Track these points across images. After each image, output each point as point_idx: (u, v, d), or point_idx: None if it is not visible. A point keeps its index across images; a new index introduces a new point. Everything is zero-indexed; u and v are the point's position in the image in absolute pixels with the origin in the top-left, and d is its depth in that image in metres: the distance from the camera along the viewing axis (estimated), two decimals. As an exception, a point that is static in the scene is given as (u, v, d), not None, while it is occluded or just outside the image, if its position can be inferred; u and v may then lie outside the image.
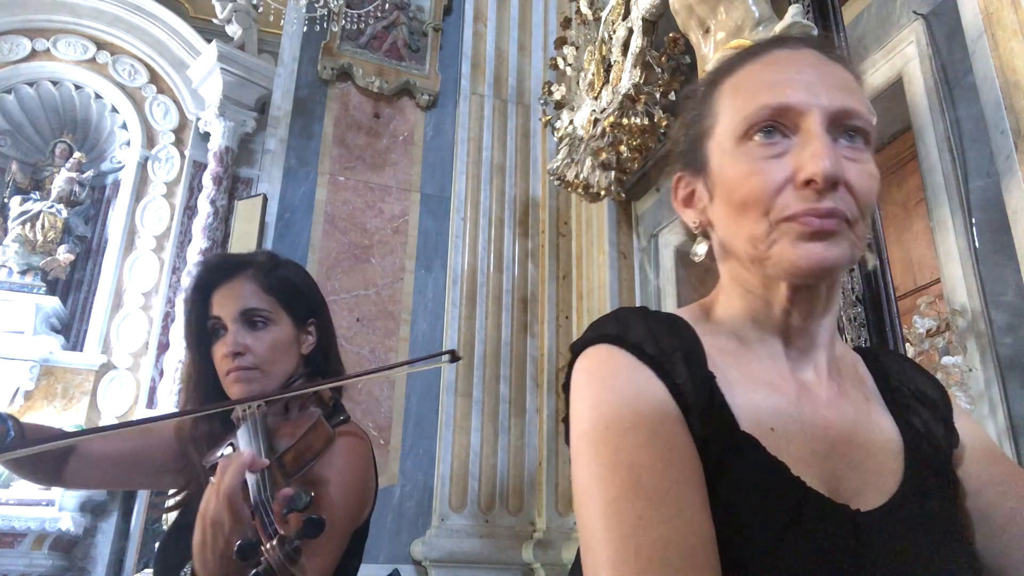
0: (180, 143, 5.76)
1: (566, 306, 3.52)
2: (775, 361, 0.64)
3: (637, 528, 0.50)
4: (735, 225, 0.62)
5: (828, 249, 0.57)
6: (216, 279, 1.13)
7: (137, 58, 5.78)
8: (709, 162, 0.65)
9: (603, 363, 0.60)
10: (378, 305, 3.54)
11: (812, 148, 0.58)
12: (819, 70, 0.62)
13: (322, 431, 0.94)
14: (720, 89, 0.66)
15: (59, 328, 5.31)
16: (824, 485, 0.57)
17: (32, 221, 5.43)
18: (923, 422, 0.66)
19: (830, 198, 0.57)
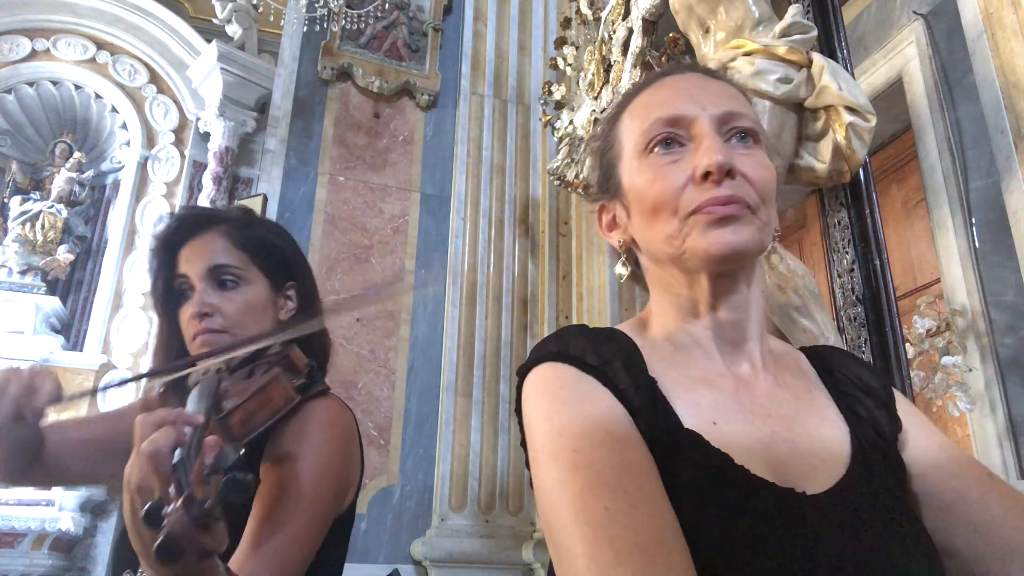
0: (180, 143, 5.76)
1: (566, 306, 3.52)
2: (710, 360, 0.67)
3: (606, 519, 0.51)
4: (651, 230, 0.67)
5: (736, 233, 0.62)
6: (184, 234, 1.03)
7: (137, 58, 5.78)
8: (622, 183, 0.71)
9: (549, 379, 0.62)
10: (378, 305, 3.54)
11: (704, 146, 0.64)
12: (703, 86, 0.69)
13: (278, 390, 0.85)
14: (621, 119, 0.73)
15: (59, 328, 5.31)
16: (770, 472, 0.59)
17: (32, 221, 5.43)
18: (867, 410, 0.69)
19: (728, 186, 0.62)
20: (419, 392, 3.46)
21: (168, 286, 1.03)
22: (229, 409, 0.81)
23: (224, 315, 0.98)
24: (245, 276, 1.02)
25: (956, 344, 2.18)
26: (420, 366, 3.50)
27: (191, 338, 0.99)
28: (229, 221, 1.05)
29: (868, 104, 1.53)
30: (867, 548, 0.56)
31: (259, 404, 0.84)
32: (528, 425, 0.62)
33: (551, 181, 3.27)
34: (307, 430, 0.91)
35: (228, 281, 1.00)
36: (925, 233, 2.90)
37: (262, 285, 1.03)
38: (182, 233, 1.03)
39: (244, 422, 0.82)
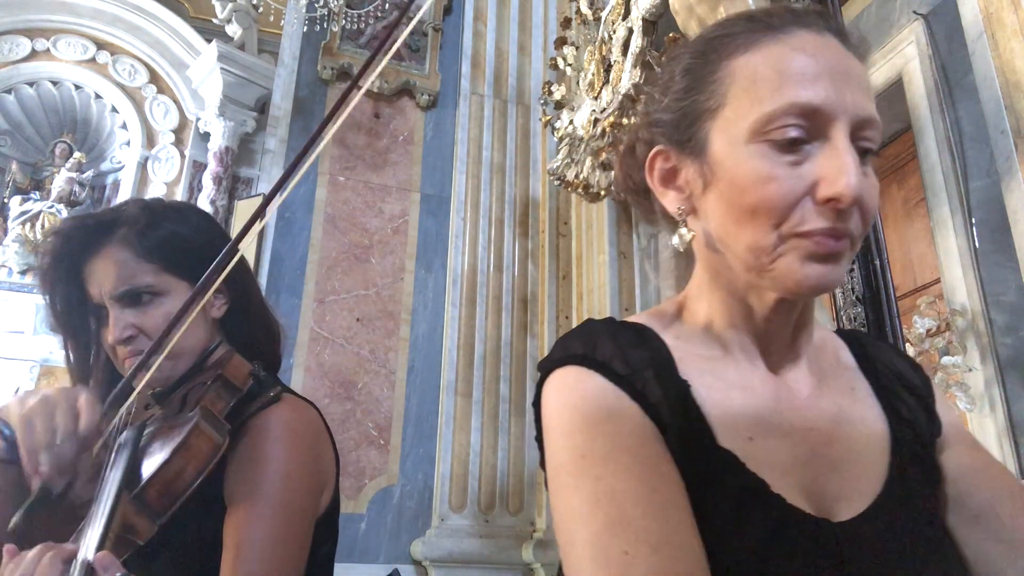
0: (180, 143, 5.76)
1: (566, 306, 3.52)
2: (752, 363, 0.62)
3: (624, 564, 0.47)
4: (737, 228, 0.57)
5: (834, 271, 0.55)
6: (81, 250, 0.90)
7: (137, 58, 5.78)
8: (709, 148, 0.59)
9: (573, 388, 0.57)
10: (378, 305, 3.54)
11: (838, 163, 0.53)
12: (845, 64, 0.57)
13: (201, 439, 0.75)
14: (732, 65, 0.58)
15: (59, 328, 5.31)
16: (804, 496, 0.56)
17: (32, 221, 5.43)
18: (908, 409, 0.65)
19: (847, 218, 0.54)
20: (419, 392, 3.46)
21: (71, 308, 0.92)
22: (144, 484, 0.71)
23: (148, 333, 0.89)
24: (159, 286, 0.90)
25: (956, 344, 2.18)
26: (420, 366, 3.50)
27: (122, 363, 0.90)
28: (128, 224, 0.91)
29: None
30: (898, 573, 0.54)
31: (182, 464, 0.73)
32: (548, 434, 0.57)
33: (551, 181, 3.27)
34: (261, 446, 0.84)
35: (143, 294, 0.89)
36: (925, 233, 2.91)
37: (180, 288, 0.92)
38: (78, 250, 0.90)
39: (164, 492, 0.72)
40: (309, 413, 0.92)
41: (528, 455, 3.37)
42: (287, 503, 0.82)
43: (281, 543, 0.80)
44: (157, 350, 0.78)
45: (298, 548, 0.83)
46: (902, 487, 0.59)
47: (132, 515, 0.69)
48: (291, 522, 0.82)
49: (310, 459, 0.88)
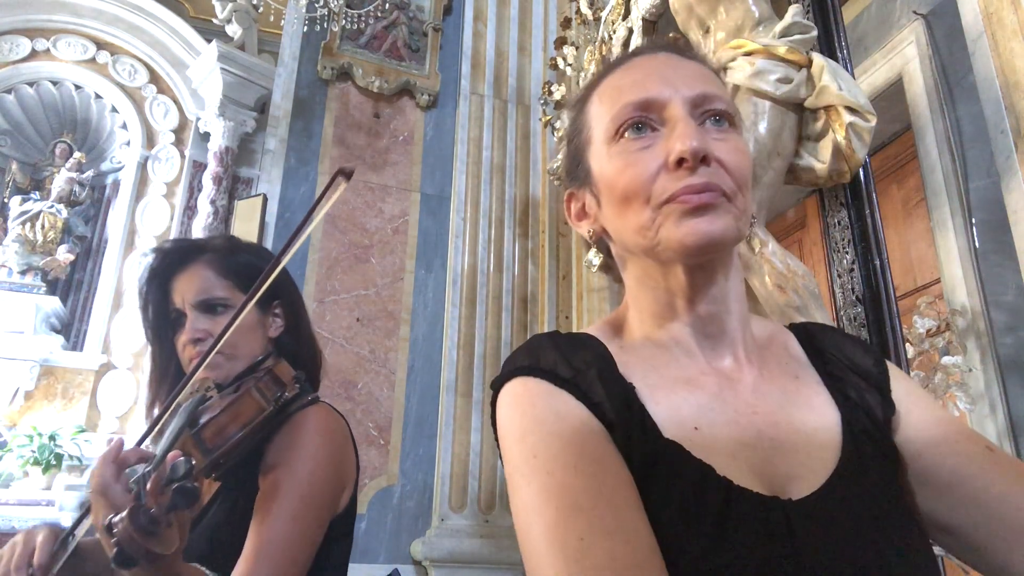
0: (180, 143, 5.77)
1: (566, 306, 3.52)
2: (691, 357, 0.65)
3: (580, 549, 0.50)
4: (622, 220, 0.64)
5: (712, 222, 0.59)
6: (173, 267, 1.08)
7: (137, 58, 5.79)
8: (591, 171, 0.68)
9: (521, 396, 0.60)
10: (378, 305, 3.54)
11: (678, 131, 0.60)
12: (675, 67, 0.66)
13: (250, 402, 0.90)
14: (589, 102, 0.70)
15: (59, 328, 5.31)
16: (755, 477, 0.57)
17: (32, 221, 5.43)
18: (858, 393, 0.66)
19: (703, 173, 0.59)
20: (419, 392, 3.46)
21: (160, 315, 1.09)
22: (203, 423, 0.85)
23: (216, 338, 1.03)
24: (233, 301, 1.06)
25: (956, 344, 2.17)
26: (420, 366, 3.50)
27: (188, 362, 1.05)
28: (214, 251, 1.10)
29: (868, 104, 1.53)
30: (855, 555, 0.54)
31: (231, 417, 0.88)
32: (503, 443, 0.60)
33: (551, 181, 3.27)
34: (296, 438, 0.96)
35: (218, 306, 1.06)
36: (925, 233, 2.90)
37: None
38: (170, 266, 1.08)
39: (217, 434, 0.86)
40: (339, 420, 1.06)
41: (528, 455, 3.37)
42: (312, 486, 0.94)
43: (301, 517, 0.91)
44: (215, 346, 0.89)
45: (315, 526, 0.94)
46: (856, 465, 0.60)
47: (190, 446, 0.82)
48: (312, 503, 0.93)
49: (336, 456, 1.00)
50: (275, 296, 1.11)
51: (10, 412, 4.86)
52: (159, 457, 0.71)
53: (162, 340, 1.09)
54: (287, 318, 1.14)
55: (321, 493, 0.95)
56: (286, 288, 1.14)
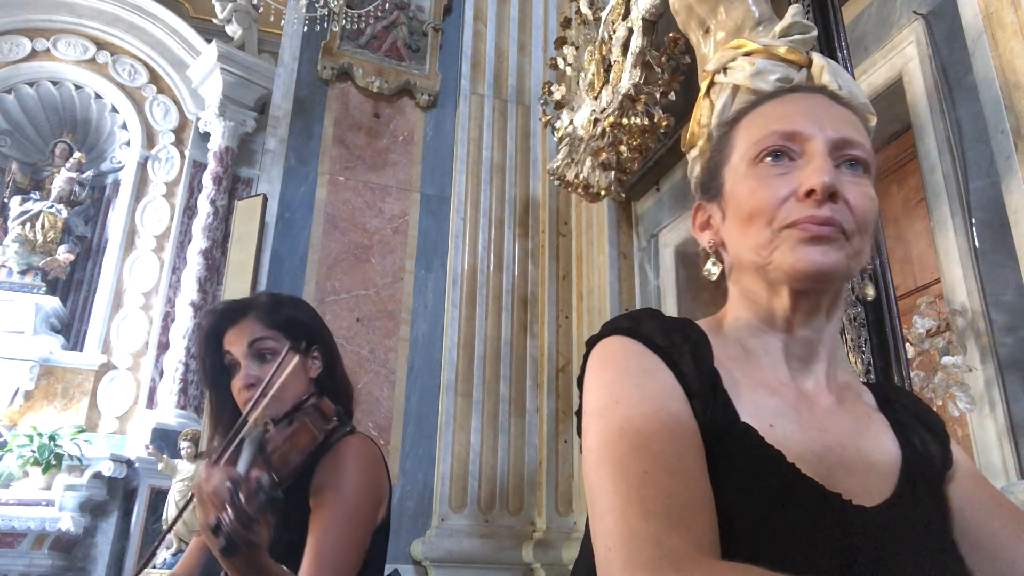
0: (180, 143, 5.77)
1: (566, 306, 3.52)
2: (776, 369, 0.68)
3: (642, 480, 0.54)
4: (743, 236, 0.68)
5: (825, 254, 0.62)
6: (225, 323, 1.26)
7: (137, 58, 5.79)
8: (724, 186, 0.72)
9: (615, 351, 0.64)
10: (378, 305, 3.54)
11: (814, 165, 0.64)
12: (827, 109, 0.69)
13: (306, 432, 1.11)
14: (738, 126, 0.74)
15: (59, 328, 5.31)
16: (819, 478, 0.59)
17: (32, 221, 5.43)
18: (922, 441, 0.70)
19: (829, 209, 0.62)
20: (419, 392, 3.46)
21: (216, 365, 1.26)
22: (269, 451, 1.05)
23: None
24: (279, 348, 1.23)
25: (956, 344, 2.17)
26: (420, 366, 3.50)
27: (242, 404, 1.21)
28: (258, 307, 1.28)
29: (868, 104, 1.53)
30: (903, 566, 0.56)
31: (291, 445, 1.09)
32: (587, 390, 0.64)
33: (551, 181, 3.27)
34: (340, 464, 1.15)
35: (267, 354, 1.23)
36: (925, 233, 2.90)
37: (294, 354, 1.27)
38: (223, 323, 1.26)
39: (281, 458, 1.07)
40: (374, 446, 1.25)
41: (528, 455, 3.37)
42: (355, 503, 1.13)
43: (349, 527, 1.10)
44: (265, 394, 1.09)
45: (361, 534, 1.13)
46: (911, 497, 0.63)
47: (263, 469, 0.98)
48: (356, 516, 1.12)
49: (373, 478, 1.20)
50: (313, 342, 1.28)
51: (10, 412, 4.86)
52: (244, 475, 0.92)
53: (219, 387, 1.26)
54: (325, 360, 1.31)
55: (363, 508, 1.13)
56: (323, 335, 1.31)
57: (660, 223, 3.04)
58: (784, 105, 0.71)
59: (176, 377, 5.00)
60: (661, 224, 3.03)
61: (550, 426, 3.35)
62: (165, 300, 5.43)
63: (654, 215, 3.09)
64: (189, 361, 4.99)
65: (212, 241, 5.27)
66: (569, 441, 3.30)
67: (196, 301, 5.09)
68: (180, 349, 5.06)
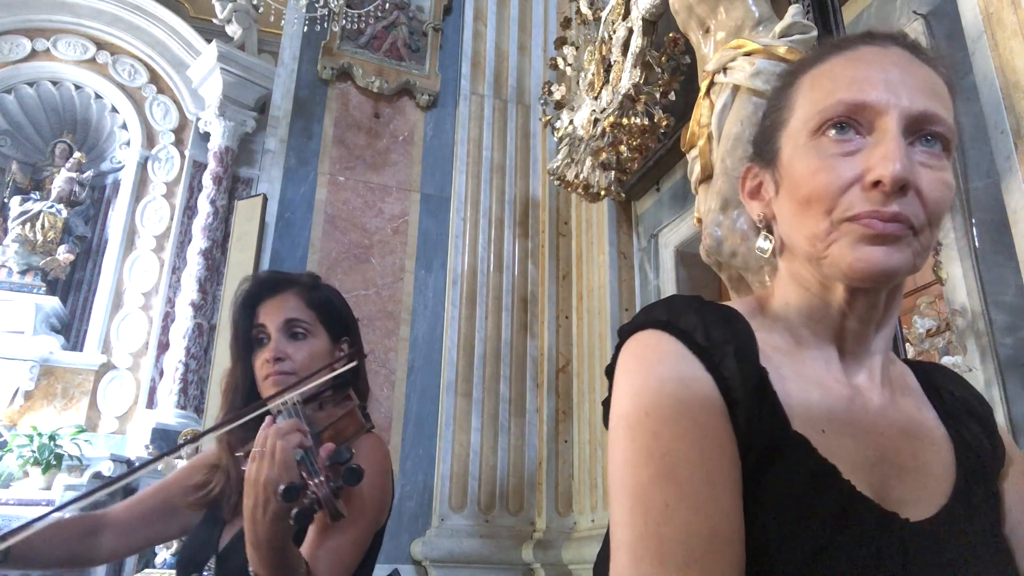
0: (180, 143, 5.77)
1: (566, 306, 3.52)
2: (828, 363, 0.63)
3: (663, 514, 0.49)
4: (797, 221, 0.61)
5: (888, 255, 0.56)
6: (264, 292, 1.22)
7: (137, 58, 5.79)
8: (780, 154, 0.64)
9: (650, 349, 0.58)
10: (378, 305, 3.54)
11: (884, 149, 0.56)
12: (905, 70, 0.60)
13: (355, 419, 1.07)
14: (800, 81, 0.64)
15: (59, 328, 5.31)
16: (873, 492, 0.56)
17: (32, 221, 5.43)
18: (972, 434, 0.66)
19: (897, 202, 0.55)
20: (419, 392, 3.46)
21: (246, 335, 1.21)
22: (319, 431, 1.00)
23: (295, 361, 1.16)
24: (312, 330, 1.21)
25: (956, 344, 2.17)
26: (420, 366, 3.50)
27: (263, 378, 1.16)
28: (301, 284, 1.25)
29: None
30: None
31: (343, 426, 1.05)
32: (616, 391, 0.59)
33: (551, 181, 3.27)
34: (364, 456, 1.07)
35: (299, 333, 1.19)
36: (925, 233, 2.90)
37: (324, 338, 1.23)
38: (262, 291, 1.22)
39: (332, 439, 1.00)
40: (387, 449, 1.22)
41: (528, 455, 3.37)
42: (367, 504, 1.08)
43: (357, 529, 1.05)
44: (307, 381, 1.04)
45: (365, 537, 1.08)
46: (966, 502, 0.59)
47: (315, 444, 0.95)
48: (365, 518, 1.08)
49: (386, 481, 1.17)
50: (344, 332, 1.27)
51: (10, 412, 4.86)
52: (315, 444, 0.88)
53: (244, 358, 1.21)
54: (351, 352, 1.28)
55: (373, 510, 1.10)
56: (353, 326, 1.30)
57: (660, 223, 3.04)
58: (855, 65, 0.60)
59: (176, 377, 5.00)
60: (661, 224, 3.03)
61: (550, 426, 3.35)
62: (165, 300, 5.43)
63: (654, 215, 3.09)
64: (189, 361, 4.99)
65: (212, 241, 5.27)
66: (569, 441, 3.30)
67: (196, 301, 5.09)
68: (180, 349, 5.06)
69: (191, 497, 1.20)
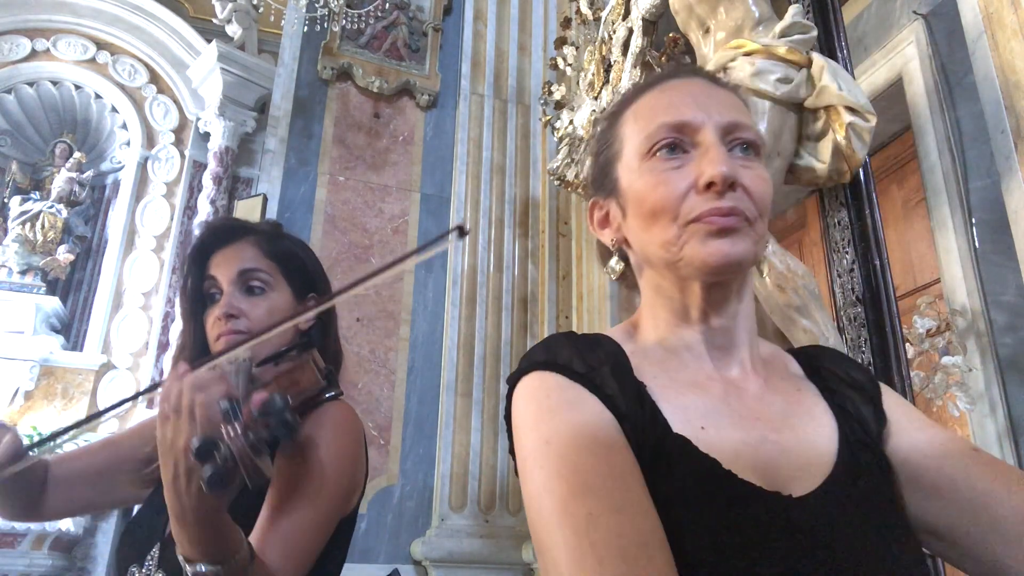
0: (180, 143, 5.76)
1: (566, 306, 3.52)
2: (700, 364, 0.68)
3: (589, 524, 0.52)
4: (648, 234, 0.67)
5: (733, 245, 0.63)
6: (218, 241, 1.07)
7: (137, 58, 5.78)
8: (619, 183, 0.71)
9: (537, 388, 0.63)
10: (378, 305, 3.54)
11: (710, 156, 0.64)
12: (709, 93, 0.69)
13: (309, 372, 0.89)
14: (623, 118, 0.73)
15: (59, 328, 5.31)
16: (757, 475, 0.59)
17: (32, 221, 5.43)
18: (853, 405, 0.70)
19: (730, 198, 0.63)
20: (419, 392, 3.46)
21: (197, 290, 1.06)
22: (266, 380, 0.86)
23: (250, 318, 1.02)
24: (272, 283, 1.06)
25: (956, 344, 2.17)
26: (420, 366, 3.50)
27: (215, 338, 1.02)
28: (259, 232, 1.09)
29: (868, 104, 1.53)
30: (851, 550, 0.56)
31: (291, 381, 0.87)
32: (517, 433, 0.63)
33: (551, 181, 3.27)
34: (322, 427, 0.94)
35: (256, 287, 1.04)
36: (925, 233, 2.90)
37: (286, 293, 1.07)
38: (215, 240, 1.07)
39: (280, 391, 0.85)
40: (359, 420, 1.04)
41: (528, 455, 3.37)
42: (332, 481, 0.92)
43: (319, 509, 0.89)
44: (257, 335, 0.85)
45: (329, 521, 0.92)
46: (852, 470, 0.63)
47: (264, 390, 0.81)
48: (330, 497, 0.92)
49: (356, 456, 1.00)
50: (311, 288, 1.11)
51: (10, 412, 4.86)
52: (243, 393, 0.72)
53: (195, 316, 1.07)
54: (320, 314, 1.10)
55: (339, 489, 0.94)
56: (322, 283, 1.13)
57: (660, 223, 3.04)
58: (667, 94, 0.70)
59: (176, 377, 5.00)
60: (661, 224, 3.03)
61: (550, 426, 3.35)
62: (165, 300, 5.42)
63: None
64: (189, 361, 4.98)
65: (212, 241, 5.26)
66: (569, 441, 3.30)
67: (196, 301, 5.08)
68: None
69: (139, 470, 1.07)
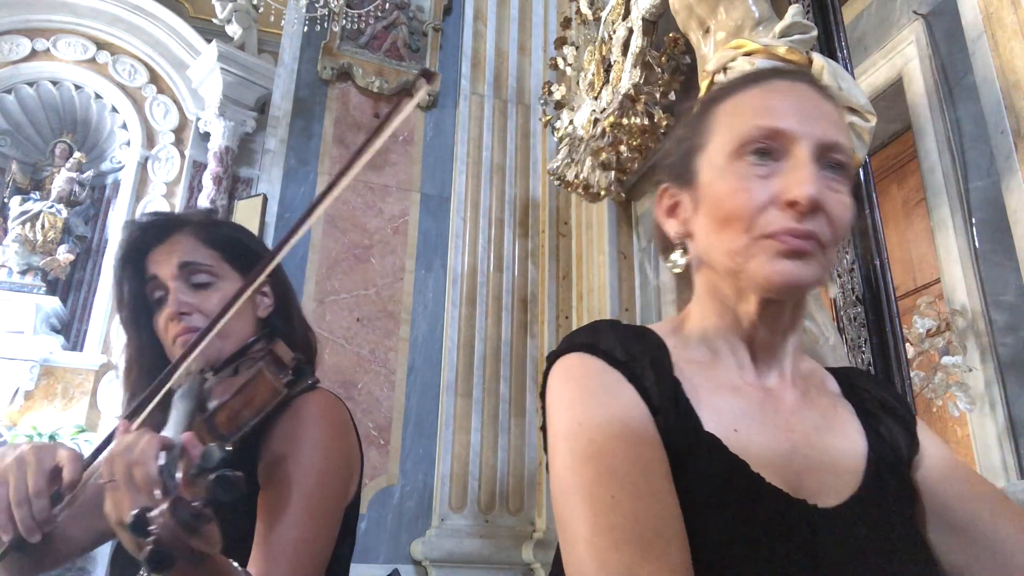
0: (180, 143, 5.76)
1: (566, 306, 3.52)
2: (742, 369, 0.68)
3: (611, 507, 0.53)
4: (716, 238, 0.66)
5: (801, 268, 0.61)
6: (151, 239, 0.99)
7: (137, 58, 5.78)
8: (698, 176, 0.69)
9: (576, 368, 0.63)
10: (378, 305, 3.54)
11: (800, 173, 0.62)
12: (814, 103, 0.66)
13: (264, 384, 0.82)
14: (717, 108, 0.70)
15: (59, 328, 5.31)
16: (785, 483, 0.60)
17: (32, 221, 5.43)
18: (888, 430, 0.70)
19: (809, 221, 0.61)
20: (419, 392, 3.46)
21: (137, 296, 0.99)
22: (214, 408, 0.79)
23: (204, 313, 0.94)
24: (218, 273, 0.98)
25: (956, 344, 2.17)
26: (420, 366, 3.50)
27: (171, 342, 0.95)
28: (193, 223, 1.02)
29: (868, 104, 1.53)
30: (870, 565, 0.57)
31: (245, 400, 0.80)
32: (550, 411, 0.63)
33: (551, 181, 3.27)
34: (301, 425, 0.88)
35: (202, 281, 0.97)
36: (925, 233, 2.90)
37: (234, 280, 0.99)
38: (148, 239, 0.99)
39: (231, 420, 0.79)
40: (341, 405, 0.98)
41: (528, 455, 3.37)
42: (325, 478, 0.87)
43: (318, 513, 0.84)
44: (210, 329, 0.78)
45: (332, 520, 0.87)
46: (877, 490, 0.64)
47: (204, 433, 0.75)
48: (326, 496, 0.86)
49: (344, 444, 0.94)
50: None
51: (10, 412, 4.86)
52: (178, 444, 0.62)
53: (139, 324, 0.99)
54: (276, 298, 1.05)
55: (334, 485, 0.89)
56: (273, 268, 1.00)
57: (660, 223, 3.04)
58: (769, 95, 0.67)
59: (176, 377, 5.01)
60: (661, 224, 3.03)
61: (550, 426, 3.35)
62: (165, 300, 5.42)
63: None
64: (189, 361, 4.98)
65: (212, 241, 5.27)
66: (569, 441, 3.30)
67: (196, 301, 5.08)
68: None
69: None
